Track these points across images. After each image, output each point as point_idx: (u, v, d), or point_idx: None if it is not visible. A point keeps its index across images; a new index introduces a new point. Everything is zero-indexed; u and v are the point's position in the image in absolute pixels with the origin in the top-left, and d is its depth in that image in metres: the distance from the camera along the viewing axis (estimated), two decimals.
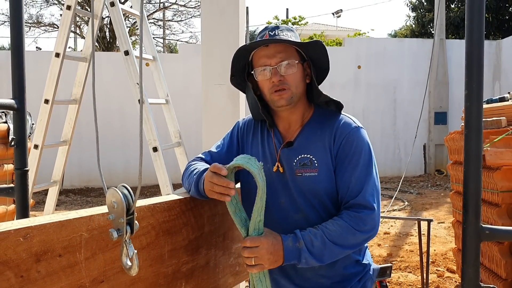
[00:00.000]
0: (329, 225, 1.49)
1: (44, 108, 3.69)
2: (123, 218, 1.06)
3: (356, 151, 1.56)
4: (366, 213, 1.49)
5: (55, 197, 4.09)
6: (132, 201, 1.07)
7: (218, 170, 1.43)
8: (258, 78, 1.61)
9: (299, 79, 1.61)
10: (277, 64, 1.57)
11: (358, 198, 1.51)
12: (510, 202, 3.34)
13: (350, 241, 1.48)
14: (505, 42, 11.71)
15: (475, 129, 1.20)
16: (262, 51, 1.60)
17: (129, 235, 1.08)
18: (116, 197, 1.06)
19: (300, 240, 1.45)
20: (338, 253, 1.49)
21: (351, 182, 1.53)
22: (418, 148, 11.74)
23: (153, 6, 20.79)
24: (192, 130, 9.38)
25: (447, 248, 5.68)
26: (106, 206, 1.10)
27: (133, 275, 1.11)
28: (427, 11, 15.99)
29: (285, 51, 1.58)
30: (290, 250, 1.44)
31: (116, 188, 1.06)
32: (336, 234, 1.46)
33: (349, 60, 11.65)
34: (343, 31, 26.03)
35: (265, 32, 1.61)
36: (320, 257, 1.46)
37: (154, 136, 3.46)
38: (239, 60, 1.67)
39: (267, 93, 1.62)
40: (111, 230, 1.06)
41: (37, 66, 9.67)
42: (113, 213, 1.08)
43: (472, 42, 1.17)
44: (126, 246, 1.09)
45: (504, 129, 3.46)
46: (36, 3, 21.35)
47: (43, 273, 1.10)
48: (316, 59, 1.65)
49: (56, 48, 3.68)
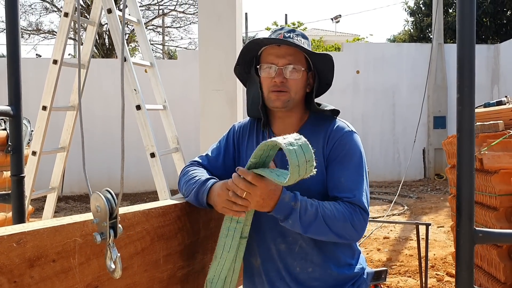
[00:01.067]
0: (327, 203, 1.49)
1: (42, 115, 3.70)
2: (106, 222, 1.08)
3: (347, 153, 1.57)
4: (360, 210, 1.50)
5: (54, 203, 4.10)
6: (115, 205, 1.08)
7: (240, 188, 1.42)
8: (262, 74, 1.63)
9: (301, 85, 1.63)
10: (284, 65, 1.59)
11: (352, 198, 1.51)
12: (508, 205, 3.34)
13: (338, 228, 1.47)
14: (503, 46, 11.73)
15: (468, 132, 1.20)
16: (272, 49, 1.62)
17: (113, 239, 1.10)
18: (100, 202, 1.08)
19: (297, 202, 1.44)
20: (324, 232, 1.47)
21: (341, 182, 1.54)
22: (418, 152, 11.74)
23: (152, 12, 20.89)
24: (191, 136, 9.39)
25: (447, 252, 5.67)
26: (91, 210, 1.12)
27: (117, 278, 1.13)
28: (425, 16, 16.04)
29: (294, 55, 1.60)
30: (283, 204, 1.43)
31: (99, 192, 1.07)
32: (331, 213, 1.46)
33: (347, 65, 11.67)
34: (342, 36, 26.11)
35: (281, 32, 1.63)
36: (306, 226, 1.45)
37: (151, 142, 3.47)
38: (248, 51, 1.68)
39: (265, 91, 1.64)
40: (94, 234, 1.08)
41: (37, 73, 9.70)
42: (97, 217, 1.10)
43: (464, 46, 1.17)
44: (110, 250, 1.11)
45: (501, 133, 3.46)
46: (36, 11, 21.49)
47: (37, 278, 1.10)
48: (321, 72, 1.67)
49: (54, 55, 3.70)
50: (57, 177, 4.06)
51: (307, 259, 1.60)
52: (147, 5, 19.98)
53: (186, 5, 20.49)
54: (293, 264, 1.60)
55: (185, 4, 20.51)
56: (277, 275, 1.62)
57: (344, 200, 1.52)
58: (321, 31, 28.01)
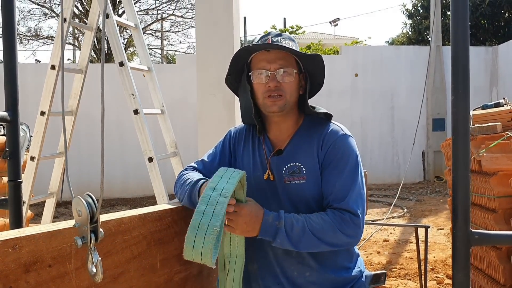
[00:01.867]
0: (313, 216, 1.49)
1: (40, 120, 3.70)
2: (87, 226, 1.09)
3: (342, 157, 1.57)
4: (350, 216, 1.49)
5: (53, 208, 4.09)
6: (95, 209, 1.09)
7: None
8: (254, 80, 1.62)
9: (294, 88, 1.63)
10: (276, 70, 1.59)
11: (342, 204, 1.51)
12: (506, 207, 3.33)
13: (329, 238, 1.47)
14: (501, 48, 11.76)
15: (463, 134, 1.20)
16: (262, 55, 1.61)
17: (94, 243, 1.11)
18: (81, 206, 1.09)
19: (281, 220, 1.46)
20: (316, 244, 1.48)
21: (335, 187, 1.54)
22: (417, 155, 11.73)
23: (151, 17, 20.92)
24: (190, 140, 9.36)
25: (447, 254, 5.66)
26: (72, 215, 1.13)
27: (98, 281, 1.13)
28: (423, 19, 16.07)
29: (285, 58, 1.60)
30: (267, 225, 1.45)
31: (80, 197, 1.08)
32: (318, 226, 1.46)
33: (346, 68, 11.68)
34: (341, 40, 26.15)
35: (268, 37, 1.63)
36: (296, 242, 1.46)
37: (149, 146, 3.47)
38: (238, 60, 1.68)
39: (260, 97, 1.63)
40: (75, 238, 1.10)
41: (36, 79, 9.72)
42: (78, 221, 1.11)
43: (457, 48, 1.18)
44: (91, 253, 1.12)
45: (499, 135, 3.46)
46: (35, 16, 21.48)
47: (32, 283, 1.10)
48: (312, 73, 1.67)
49: (51, 60, 3.70)
50: (56, 182, 4.06)
51: (304, 263, 1.59)
52: (145, 9, 20.01)
53: (184, 10, 20.53)
54: (290, 269, 1.60)
55: (183, 9, 20.55)
56: (274, 280, 1.62)
57: (334, 207, 1.52)
58: (320, 34, 28.06)
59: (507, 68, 11.32)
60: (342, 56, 12.01)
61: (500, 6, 13.86)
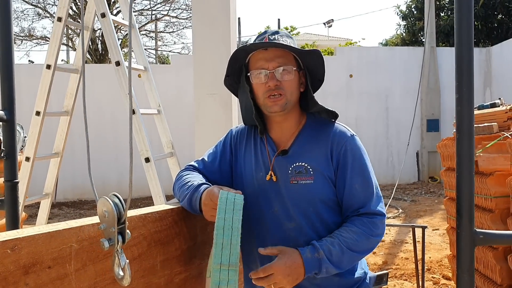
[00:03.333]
0: (344, 232, 1.49)
1: (35, 120, 3.67)
2: (114, 228, 1.05)
3: (355, 159, 1.57)
4: (378, 218, 1.53)
5: (47, 209, 4.05)
6: (123, 210, 1.05)
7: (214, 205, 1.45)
8: (253, 80, 1.59)
9: (295, 86, 1.60)
10: (275, 68, 1.55)
11: (368, 207, 1.53)
12: (503, 207, 3.34)
13: (365, 246, 1.50)
14: (495, 49, 11.82)
15: (467, 132, 1.19)
16: (260, 54, 1.58)
17: (121, 245, 1.06)
18: (107, 206, 1.04)
19: (319, 250, 1.45)
20: (355, 258, 1.51)
21: (356, 190, 1.54)
22: (411, 155, 11.77)
23: (145, 18, 20.85)
24: (186, 141, 9.35)
25: (442, 255, 5.67)
26: (98, 215, 1.09)
27: (126, 285, 1.09)
28: (417, 20, 16.11)
29: (283, 56, 1.57)
30: (310, 261, 1.44)
31: (107, 197, 1.04)
32: (352, 241, 1.47)
33: (341, 69, 11.70)
34: (335, 41, 26.20)
35: (265, 36, 1.59)
36: (338, 264, 1.46)
37: (146, 146, 3.44)
38: (235, 60, 1.65)
39: (261, 97, 1.60)
40: (102, 240, 1.04)
41: (30, 79, 9.65)
42: (104, 223, 1.06)
43: (462, 46, 1.17)
44: (118, 256, 1.07)
45: (496, 135, 3.47)
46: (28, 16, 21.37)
47: (32, 285, 1.08)
48: (312, 69, 1.64)
49: (47, 60, 3.67)
50: (51, 183, 4.02)
51: None
52: (140, 10, 19.94)
53: (179, 10, 20.48)
54: None
55: (178, 9, 20.51)
56: None
57: (361, 212, 1.53)
58: (314, 35, 28.10)
59: (501, 69, 11.38)
60: (336, 57, 12.03)
61: (493, 8, 13.94)
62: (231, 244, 1.39)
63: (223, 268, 1.37)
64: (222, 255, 1.38)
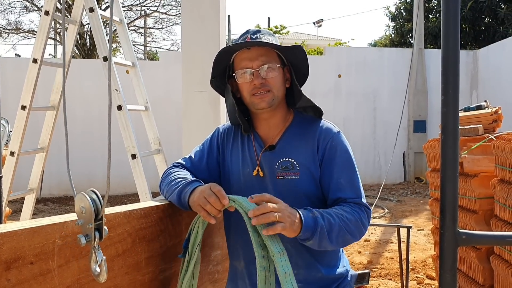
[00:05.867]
0: (336, 209, 1.49)
1: (20, 115, 3.63)
2: (92, 224, 1.04)
3: (342, 154, 1.59)
4: (365, 210, 1.53)
5: (32, 205, 4.01)
6: (100, 206, 1.04)
7: (221, 197, 1.39)
8: (239, 80, 1.61)
9: (280, 82, 1.62)
10: (259, 67, 1.57)
11: (357, 199, 1.53)
12: (487, 208, 3.38)
13: (354, 228, 1.47)
14: (482, 52, 11.95)
15: (452, 134, 1.20)
16: (243, 53, 1.60)
17: (98, 241, 1.06)
18: (85, 202, 1.04)
19: (314, 211, 1.42)
20: (345, 237, 1.46)
21: (341, 184, 1.55)
22: (398, 156, 11.85)
23: (135, 13, 20.72)
24: (173, 138, 9.32)
25: (427, 255, 5.72)
26: (75, 211, 1.08)
27: (102, 281, 1.09)
28: (406, 21, 16.22)
29: (266, 54, 1.59)
30: (306, 217, 1.38)
31: (84, 193, 1.03)
32: (344, 217, 1.46)
33: (329, 69, 11.74)
34: (324, 41, 26.27)
35: (247, 35, 1.62)
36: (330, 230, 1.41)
37: (132, 143, 3.42)
38: (220, 62, 1.66)
39: (247, 96, 1.62)
40: (79, 236, 1.04)
41: (16, 73, 9.55)
42: (81, 219, 1.06)
43: (448, 48, 1.18)
44: (95, 252, 1.07)
45: (481, 137, 3.51)
46: (15, 9, 21.12)
47: (14, 281, 1.06)
48: (296, 64, 1.66)
49: (33, 54, 3.63)
50: (36, 178, 3.98)
51: (292, 261, 1.58)
52: (129, 5, 19.82)
53: (168, 6, 20.40)
54: None
55: (167, 5, 20.42)
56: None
57: (349, 201, 1.53)
58: (304, 35, 28.14)
59: (487, 72, 11.51)
60: (325, 57, 12.06)
61: (481, 11, 14.07)
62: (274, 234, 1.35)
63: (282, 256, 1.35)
64: (275, 245, 1.34)
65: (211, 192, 1.40)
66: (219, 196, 1.39)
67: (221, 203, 1.38)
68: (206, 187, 1.43)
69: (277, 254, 1.34)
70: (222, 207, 1.39)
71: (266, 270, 1.38)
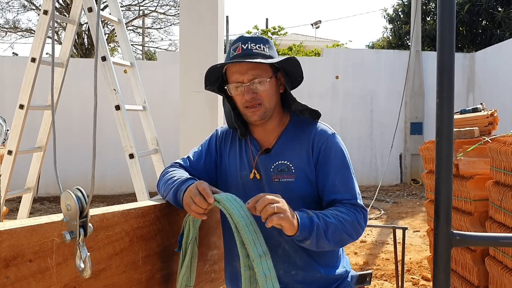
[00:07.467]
0: (332, 210, 1.49)
1: (18, 114, 3.62)
2: (76, 221, 1.07)
3: (336, 155, 1.59)
4: (361, 210, 1.53)
5: (29, 204, 4.01)
6: (85, 204, 1.07)
7: (206, 196, 1.40)
8: (231, 93, 1.62)
9: (272, 93, 1.62)
10: (250, 81, 1.57)
11: (352, 200, 1.54)
12: (482, 210, 3.40)
13: (350, 229, 1.47)
14: (478, 55, 11.99)
15: (446, 136, 1.22)
16: (234, 66, 1.60)
17: (83, 238, 1.08)
18: (70, 200, 1.06)
19: (309, 212, 1.43)
20: (342, 237, 1.46)
21: (336, 186, 1.55)
22: (394, 157, 11.88)
23: (133, 13, 20.70)
24: (170, 138, 9.31)
25: (422, 256, 5.74)
26: (61, 208, 1.10)
27: (86, 277, 1.11)
28: (403, 24, 16.25)
29: (257, 68, 1.58)
30: (302, 217, 1.39)
31: (70, 191, 1.06)
32: (340, 218, 1.46)
33: (327, 70, 11.76)
34: (322, 42, 26.28)
35: (238, 44, 1.61)
36: (326, 229, 1.41)
37: (130, 142, 3.43)
38: (211, 73, 1.67)
39: (240, 107, 1.64)
40: (64, 233, 1.07)
41: (14, 72, 9.54)
42: (67, 216, 1.08)
43: (444, 51, 1.19)
44: (80, 249, 1.09)
45: (477, 139, 3.53)
46: (13, 8, 21.08)
47: (12, 278, 1.08)
48: (289, 70, 1.66)
49: (32, 53, 3.63)
50: (33, 177, 3.98)
51: (290, 262, 1.60)
52: (127, 5, 19.80)
53: (167, 7, 20.38)
54: (276, 267, 1.59)
55: (166, 6, 20.41)
56: None
57: (344, 202, 1.53)
58: (301, 36, 28.15)
59: (484, 75, 11.55)
60: (323, 59, 12.08)
61: (478, 14, 14.12)
62: (257, 236, 1.39)
63: (263, 260, 1.37)
64: (257, 248, 1.37)
65: (196, 191, 1.42)
66: (204, 195, 1.41)
67: (206, 202, 1.40)
68: (193, 185, 1.46)
69: (257, 259, 1.37)
70: (207, 206, 1.41)
71: (251, 269, 1.40)
